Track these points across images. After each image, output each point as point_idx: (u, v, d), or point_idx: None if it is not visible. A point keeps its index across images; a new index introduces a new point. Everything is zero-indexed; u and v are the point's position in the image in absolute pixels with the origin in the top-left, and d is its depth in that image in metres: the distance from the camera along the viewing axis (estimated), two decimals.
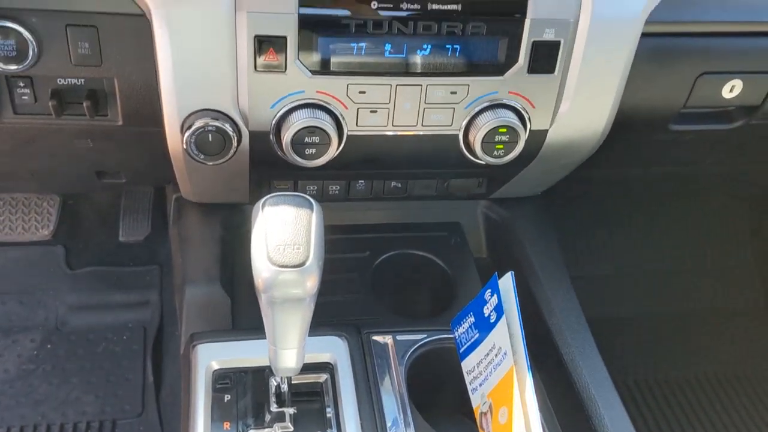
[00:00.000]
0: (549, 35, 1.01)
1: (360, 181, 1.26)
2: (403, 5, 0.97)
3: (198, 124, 1.00)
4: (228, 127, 1.01)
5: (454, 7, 0.98)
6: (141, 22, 0.97)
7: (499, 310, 1.01)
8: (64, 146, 1.19)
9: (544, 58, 1.03)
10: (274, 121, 1.03)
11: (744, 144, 1.38)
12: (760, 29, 1.14)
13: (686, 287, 2.08)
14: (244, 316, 1.24)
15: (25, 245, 1.89)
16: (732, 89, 1.18)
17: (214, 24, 0.94)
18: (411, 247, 1.40)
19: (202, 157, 1.03)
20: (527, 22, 1.00)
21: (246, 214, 1.34)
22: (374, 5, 0.97)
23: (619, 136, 1.19)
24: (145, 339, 1.78)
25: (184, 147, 1.02)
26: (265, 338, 0.91)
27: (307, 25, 0.96)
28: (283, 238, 0.83)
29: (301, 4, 0.95)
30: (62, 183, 1.61)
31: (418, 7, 0.97)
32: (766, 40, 1.15)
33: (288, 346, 0.90)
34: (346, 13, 0.97)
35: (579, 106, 1.09)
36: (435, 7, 0.98)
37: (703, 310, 2.06)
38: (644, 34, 1.06)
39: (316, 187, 1.25)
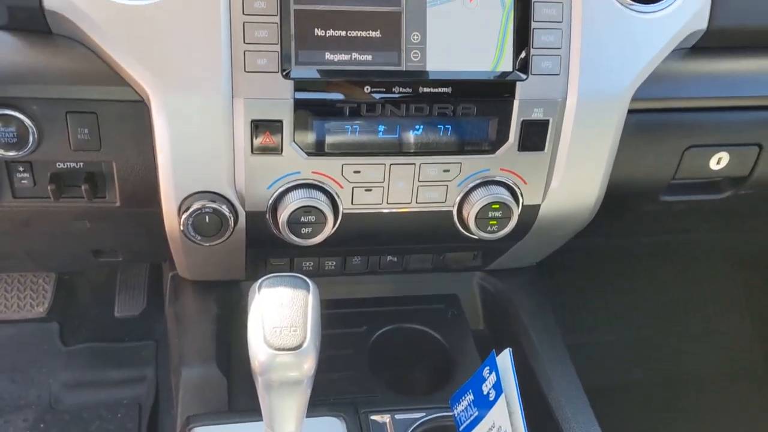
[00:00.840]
0: (538, 114, 1.04)
1: (356, 257, 1.26)
2: (395, 89, 1.00)
3: (195, 206, 1.01)
4: (225, 209, 1.03)
5: (444, 90, 1.01)
6: (140, 108, 0.99)
7: (498, 387, 1.00)
8: (61, 228, 1.20)
9: (534, 136, 1.06)
10: (270, 202, 1.05)
11: (735, 213, 1.40)
12: (743, 104, 1.17)
13: (685, 352, 2.06)
14: (240, 395, 1.23)
15: (19, 323, 1.88)
16: (719, 161, 1.20)
17: (211, 110, 0.97)
18: (408, 321, 1.40)
19: (199, 238, 1.04)
20: (516, 103, 1.03)
21: (242, 290, 1.34)
22: (367, 89, 1.00)
23: (611, 208, 1.21)
24: (140, 417, 1.76)
25: (181, 229, 1.03)
26: (261, 420, 0.90)
27: (302, 108, 0.99)
28: (280, 320, 0.84)
29: (297, 89, 0.98)
30: (59, 262, 1.61)
31: (410, 90, 1.00)
32: (749, 113, 1.18)
33: (285, 429, 0.89)
34: (340, 97, 1.00)
35: (570, 181, 1.11)
36: (426, 90, 1.01)
37: (705, 374, 2.04)
38: (631, 111, 1.09)
39: (312, 264, 1.25)
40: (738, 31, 1.12)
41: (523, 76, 1.02)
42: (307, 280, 0.88)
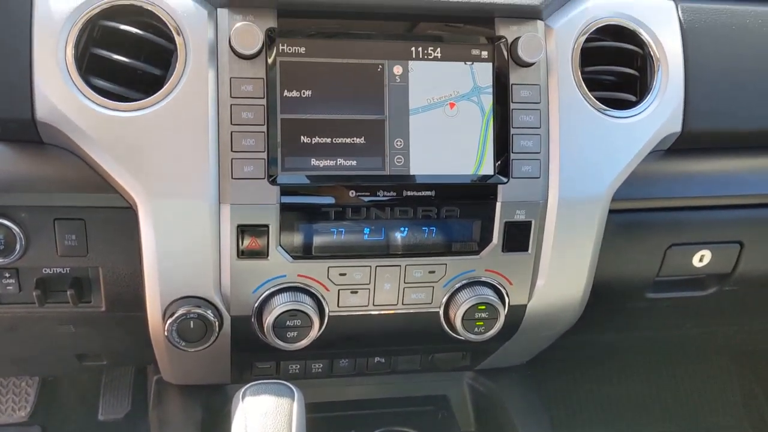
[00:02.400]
0: (520, 216, 1.06)
1: (343, 359, 1.25)
2: (380, 193, 1.02)
3: (180, 311, 1.01)
4: (210, 314, 1.02)
5: (428, 193, 1.03)
6: (127, 214, 1.01)
7: None
8: (46, 333, 1.19)
9: (517, 237, 1.07)
10: (255, 306, 1.04)
11: (721, 309, 1.40)
12: (721, 202, 1.20)
13: None
14: None
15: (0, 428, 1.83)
16: (702, 259, 1.22)
17: (198, 216, 0.98)
18: (397, 424, 1.37)
19: (184, 344, 1.03)
20: (498, 205, 1.05)
21: (228, 394, 1.32)
22: (352, 194, 1.01)
23: (597, 306, 1.21)
24: None
25: (166, 335, 1.02)
26: None
27: (288, 213, 1.00)
28: (263, 430, 0.82)
29: (283, 193, 0.99)
30: (42, 367, 1.59)
31: (394, 194, 1.02)
32: (728, 212, 1.20)
33: None
34: (325, 201, 1.01)
35: (555, 281, 1.12)
36: (410, 193, 1.03)
37: None
38: (612, 211, 1.11)
39: (298, 367, 1.24)
40: (711, 133, 1.16)
41: (504, 180, 1.04)
42: (292, 387, 0.87)
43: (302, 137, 1.00)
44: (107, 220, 1.02)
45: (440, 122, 1.03)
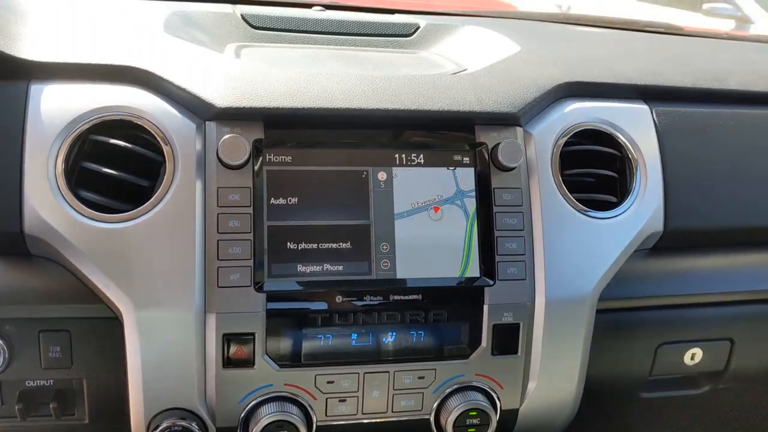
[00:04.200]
0: (508, 318, 1.06)
1: None
2: (367, 298, 1.02)
3: (164, 424, 0.99)
4: (195, 426, 1.00)
5: (415, 297, 1.03)
6: (113, 324, 1.00)
7: None
8: None
9: (506, 340, 1.07)
10: (242, 416, 1.02)
11: (717, 407, 1.38)
12: (708, 300, 1.20)
13: None
14: None
15: None
16: (693, 357, 1.21)
17: (184, 326, 0.97)
18: None
19: None
20: (486, 308, 1.05)
21: None
22: (339, 299, 1.01)
23: (591, 407, 1.19)
24: None
25: None
26: None
27: (274, 320, 1.00)
28: None
29: (269, 300, 0.99)
30: None
31: (381, 298, 1.02)
32: (716, 309, 1.21)
33: None
34: (312, 307, 1.01)
35: (546, 384, 1.11)
36: (397, 298, 1.03)
37: None
38: (600, 311, 1.11)
39: None
40: (693, 231, 1.18)
41: (491, 282, 1.05)
42: None
43: (288, 243, 1.01)
44: (92, 330, 1.01)
45: (425, 226, 1.05)
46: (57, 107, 0.99)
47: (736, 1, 6.67)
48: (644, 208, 1.13)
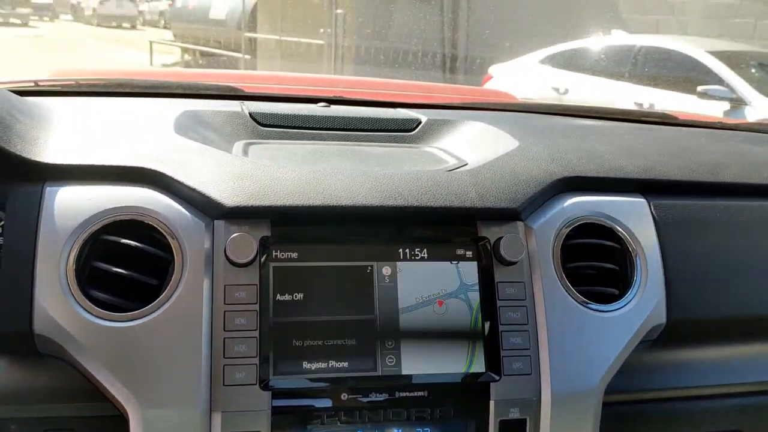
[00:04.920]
0: (514, 414, 1.05)
1: None
2: (373, 395, 1.02)
3: None
4: None
5: (420, 393, 1.03)
6: (118, 423, 0.99)
7: None
8: None
9: None
10: None
11: None
12: (717, 392, 1.19)
13: None
14: None
15: None
16: None
17: (188, 425, 0.97)
18: None
19: None
20: (492, 404, 1.04)
21: None
22: (344, 396, 1.01)
23: None
24: None
25: None
26: None
27: (279, 417, 0.99)
28: None
29: (274, 397, 0.99)
30: None
31: (387, 395, 1.02)
32: (724, 401, 1.20)
33: None
34: (317, 404, 1.01)
35: None
36: (402, 395, 1.03)
37: None
38: (606, 404, 1.11)
39: None
40: (697, 322, 1.18)
41: (496, 377, 1.05)
42: None
43: (294, 340, 1.02)
44: (98, 430, 1.01)
45: (430, 320, 1.06)
46: (70, 208, 1.02)
47: (730, 82, 6.82)
48: (646, 300, 1.14)
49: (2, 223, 1.07)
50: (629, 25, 9.49)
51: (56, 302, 0.97)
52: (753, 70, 6.76)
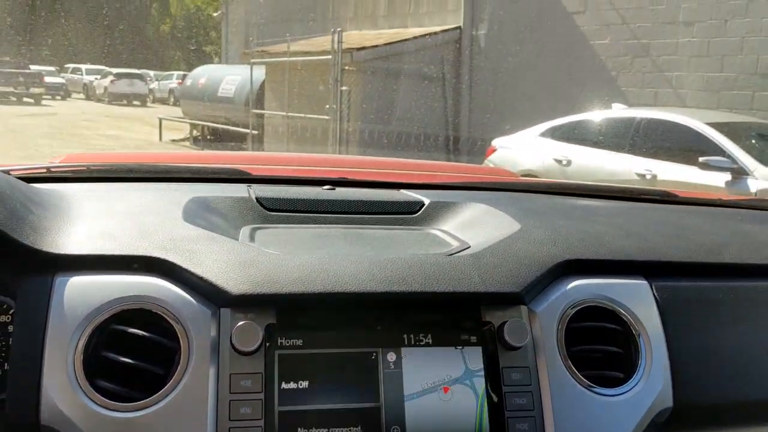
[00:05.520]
0: None
1: None
2: None
3: None
4: None
5: None
6: None
7: None
8: None
9: None
10: None
11: None
12: None
13: None
14: None
15: None
16: None
17: None
18: None
19: None
20: None
21: None
22: None
23: None
24: None
25: None
26: None
27: None
28: None
29: None
30: None
31: None
32: None
33: None
34: None
35: None
36: None
37: None
38: None
39: None
40: (704, 406, 1.17)
41: None
42: None
43: (299, 429, 1.01)
44: None
45: (436, 408, 1.05)
46: (79, 298, 1.03)
47: (731, 153, 6.89)
48: (652, 384, 1.14)
49: (12, 311, 1.08)
50: (628, 97, 9.69)
51: (64, 393, 0.98)
52: (753, 141, 6.86)
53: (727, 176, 6.26)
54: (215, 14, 26.07)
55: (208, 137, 16.45)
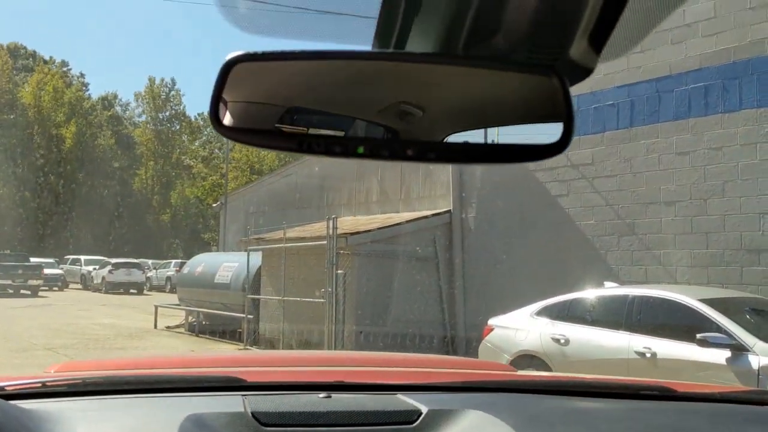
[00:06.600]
0: None
1: None
2: None
3: None
4: None
5: None
6: None
7: None
8: None
9: None
10: None
11: None
12: None
13: None
14: None
15: None
16: None
17: None
18: None
19: None
20: None
21: None
22: None
23: None
24: None
25: None
26: None
27: None
28: None
29: None
30: None
31: None
32: None
33: None
34: None
35: None
36: None
37: None
38: None
39: None
40: None
41: None
42: None
43: None
44: None
45: None
46: None
47: (728, 329, 6.86)
48: None
49: None
50: (619, 275, 9.83)
51: None
52: (748, 316, 6.87)
53: (727, 353, 6.20)
54: (215, 204, 27.07)
55: (204, 322, 16.39)
